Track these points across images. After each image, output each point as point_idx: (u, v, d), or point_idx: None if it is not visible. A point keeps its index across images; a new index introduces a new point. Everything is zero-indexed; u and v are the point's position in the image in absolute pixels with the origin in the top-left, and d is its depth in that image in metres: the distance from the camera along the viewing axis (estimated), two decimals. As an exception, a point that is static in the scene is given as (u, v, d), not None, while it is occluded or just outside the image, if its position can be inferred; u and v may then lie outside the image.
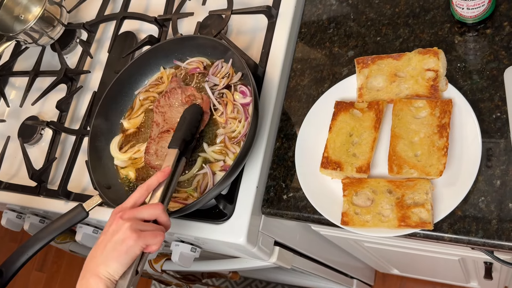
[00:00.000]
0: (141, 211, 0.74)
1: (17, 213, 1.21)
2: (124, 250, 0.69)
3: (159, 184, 0.79)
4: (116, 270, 0.69)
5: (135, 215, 0.73)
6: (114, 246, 0.70)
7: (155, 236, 0.72)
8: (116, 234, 0.71)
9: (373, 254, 1.30)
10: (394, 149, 0.78)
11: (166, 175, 0.80)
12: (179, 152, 0.83)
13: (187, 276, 1.35)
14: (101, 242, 0.72)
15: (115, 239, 0.70)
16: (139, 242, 0.70)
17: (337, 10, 0.97)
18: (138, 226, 0.71)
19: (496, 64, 0.79)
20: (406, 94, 0.82)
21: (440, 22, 0.86)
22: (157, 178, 0.79)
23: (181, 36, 1.03)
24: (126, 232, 0.70)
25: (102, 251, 0.71)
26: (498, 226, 0.70)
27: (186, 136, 0.86)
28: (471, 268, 1.15)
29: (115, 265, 0.69)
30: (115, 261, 0.69)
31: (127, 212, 0.73)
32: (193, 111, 0.90)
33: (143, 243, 0.70)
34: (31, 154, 1.14)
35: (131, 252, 0.70)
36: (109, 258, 0.70)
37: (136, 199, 0.77)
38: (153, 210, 0.74)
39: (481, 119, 0.76)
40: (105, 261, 0.70)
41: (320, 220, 0.83)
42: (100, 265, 0.70)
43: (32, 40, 1.20)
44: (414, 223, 0.72)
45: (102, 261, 0.70)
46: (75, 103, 1.18)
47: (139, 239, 0.70)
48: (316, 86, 0.93)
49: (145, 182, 0.78)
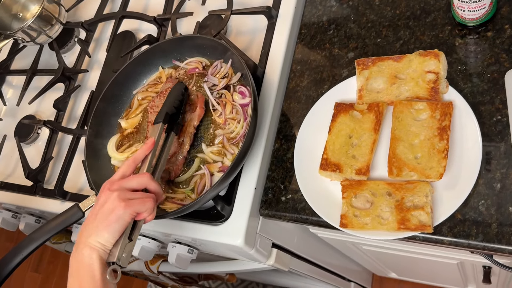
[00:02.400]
0: (129, 181, 0.75)
1: (13, 213, 1.20)
2: (114, 219, 0.71)
3: (146, 157, 0.81)
4: (107, 239, 0.71)
5: (122, 185, 0.74)
6: (103, 216, 0.71)
7: (144, 203, 0.73)
8: (105, 204, 0.72)
9: (370, 257, 1.30)
10: (394, 151, 0.77)
11: (151, 147, 0.82)
12: (162, 125, 0.85)
13: (184, 278, 1.34)
14: (92, 214, 0.73)
15: (104, 209, 0.72)
16: (127, 209, 0.71)
17: (338, 12, 0.97)
18: (126, 195, 0.73)
19: (497, 67, 0.79)
20: (406, 96, 0.81)
21: (441, 24, 0.86)
22: (142, 151, 0.81)
23: (180, 36, 1.03)
24: (114, 201, 0.71)
25: (93, 222, 0.72)
26: (498, 229, 0.70)
27: (168, 109, 0.87)
28: (469, 272, 1.15)
29: (106, 234, 0.70)
30: (105, 231, 0.70)
31: (115, 183, 0.75)
32: (175, 87, 0.92)
33: (132, 211, 0.71)
34: (27, 154, 1.13)
35: (121, 220, 0.71)
36: (99, 228, 0.71)
37: (123, 171, 0.78)
38: (140, 178, 0.76)
39: (482, 122, 0.76)
40: (96, 231, 0.71)
41: (319, 222, 0.82)
42: (91, 235, 0.71)
43: (30, 39, 1.20)
44: (413, 226, 0.72)
45: (93, 231, 0.71)
46: (73, 102, 1.18)
47: (128, 207, 0.71)
48: (315, 87, 0.92)
49: (132, 156, 0.81)
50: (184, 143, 0.90)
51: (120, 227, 0.71)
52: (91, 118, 0.96)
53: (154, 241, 1.03)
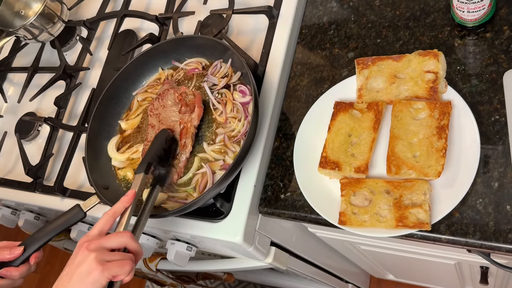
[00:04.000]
0: (108, 240, 0.71)
1: (12, 210, 1.21)
2: (90, 282, 0.67)
3: (125, 209, 0.77)
4: None
5: (101, 245, 0.71)
6: (79, 279, 0.68)
7: (122, 266, 0.69)
8: (81, 265, 0.69)
9: (368, 258, 1.30)
10: (392, 149, 0.78)
11: (131, 199, 0.78)
12: (144, 175, 0.82)
13: (182, 277, 1.35)
14: (66, 275, 0.70)
15: (80, 271, 0.68)
16: (104, 273, 0.68)
17: (338, 12, 0.98)
18: (104, 257, 0.69)
19: (496, 67, 0.80)
20: (405, 95, 0.82)
21: (441, 25, 0.86)
22: (122, 203, 0.77)
23: (179, 36, 1.03)
24: (92, 264, 0.68)
25: (68, 283, 0.69)
26: (496, 228, 0.70)
27: (151, 159, 0.84)
28: (466, 273, 1.15)
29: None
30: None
31: (93, 242, 0.71)
32: (160, 134, 0.89)
33: (109, 274, 0.68)
34: (27, 150, 1.14)
35: (96, 284, 0.68)
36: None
37: (101, 226, 0.75)
38: (120, 238, 0.72)
39: (480, 121, 0.77)
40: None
41: (318, 220, 0.82)
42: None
43: (32, 36, 1.20)
44: (411, 223, 0.72)
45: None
46: (74, 100, 1.18)
47: (105, 270, 0.68)
48: (315, 86, 0.93)
49: (111, 209, 0.77)
50: (186, 144, 0.90)
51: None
52: (91, 119, 0.97)
53: (153, 238, 1.03)
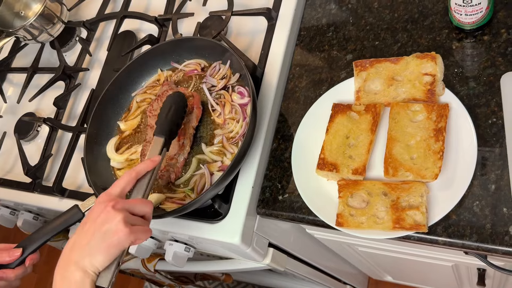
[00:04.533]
0: (135, 205, 0.71)
1: (11, 210, 1.21)
2: (115, 243, 0.67)
3: (146, 173, 0.77)
4: (102, 263, 0.66)
5: (128, 207, 0.70)
6: (103, 237, 0.67)
7: (146, 232, 0.70)
8: (106, 224, 0.67)
9: (366, 260, 1.30)
10: (390, 151, 0.78)
11: (156, 164, 0.77)
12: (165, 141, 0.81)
13: (180, 278, 1.35)
14: (88, 230, 0.68)
15: (106, 229, 0.67)
16: (130, 236, 0.67)
17: (337, 14, 0.98)
18: (131, 220, 0.69)
19: (493, 70, 0.80)
20: (403, 97, 0.82)
21: (438, 28, 0.87)
22: (146, 166, 0.76)
23: (178, 38, 1.03)
24: (119, 225, 0.67)
25: (89, 241, 0.67)
26: (492, 230, 0.71)
27: (172, 125, 0.84)
28: (464, 275, 1.15)
29: (102, 257, 0.66)
30: (103, 253, 0.66)
31: (120, 202, 0.70)
32: (178, 100, 0.87)
33: (134, 238, 0.68)
34: (27, 151, 1.14)
35: (121, 245, 0.67)
36: (96, 249, 0.66)
37: (123, 186, 0.73)
38: (144, 207, 0.72)
39: (477, 124, 0.77)
40: (91, 252, 0.66)
41: (315, 222, 0.83)
42: (86, 257, 0.66)
43: (31, 37, 1.21)
44: (408, 225, 0.73)
45: (89, 252, 0.66)
46: (73, 101, 1.18)
47: (131, 234, 0.67)
48: (314, 88, 0.93)
49: (133, 169, 0.75)
50: (184, 144, 0.91)
51: (119, 252, 0.67)
52: (90, 120, 0.97)
53: (151, 239, 1.03)
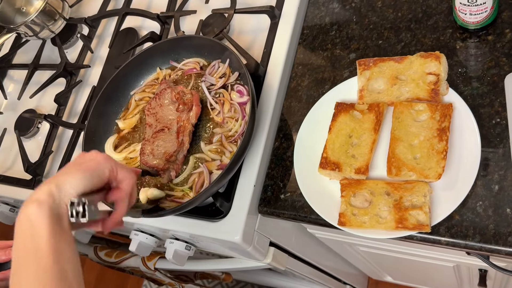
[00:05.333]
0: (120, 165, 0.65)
1: (11, 207, 1.20)
2: (92, 165, 0.59)
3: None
4: (72, 185, 0.57)
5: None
6: (78, 162, 0.60)
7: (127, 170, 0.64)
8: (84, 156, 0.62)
9: (367, 260, 1.30)
10: (393, 151, 0.78)
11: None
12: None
13: (180, 276, 1.34)
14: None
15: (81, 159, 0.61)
16: (110, 161, 0.61)
17: (340, 13, 0.98)
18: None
19: (497, 70, 0.80)
20: (406, 97, 0.82)
21: (442, 27, 0.86)
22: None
23: (177, 36, 1.03)
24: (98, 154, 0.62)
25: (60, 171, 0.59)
26: (495, 231, 0.70)
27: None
28: (465, 276, 1.15)
29: (73, 179, 0.57)
30: (74, 175, 0.57)
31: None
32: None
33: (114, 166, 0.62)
34: (27, 147, 1.14)
35: (98, 170, 0.59)
36: (67, 173, 0.58)
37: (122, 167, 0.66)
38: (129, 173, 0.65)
39: (481, 124, 0.77)
40: (60, 176, 0.57)
41: (317, 221, 0.82)
42: (49, 183, 0.56)
43: (32, 33, 1.20)
44: (411, 225, 0.72)
45: (55, 177, 0.57)
46: (74, 97, 1.18)
47: (110, 159, 0.62)
48: (316, 87, 0.93)
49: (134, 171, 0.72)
50: (184, 141, 0.90)
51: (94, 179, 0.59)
52: (89, 118, 0.96)
53: (151, 237, 1.03)
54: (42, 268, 0.53)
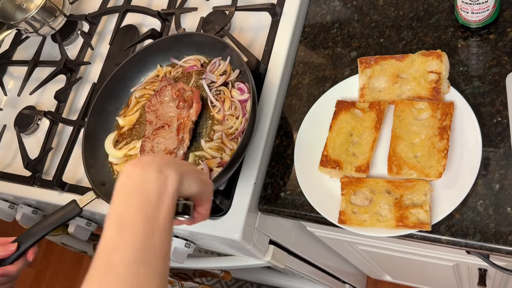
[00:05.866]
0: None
1: (10, 203, 1.20)
2: (208, 183, 0.64)
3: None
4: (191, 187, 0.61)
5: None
6: (202, 172, 0.66)
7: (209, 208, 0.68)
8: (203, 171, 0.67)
9: (366, 258, 1.30)
10: (394, 149, 0.77)
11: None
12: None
13: (179, 274, 1.34)
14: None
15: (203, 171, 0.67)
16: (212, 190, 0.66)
17: (341, 11, 0.98)
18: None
19: (499, 69, 0.79)
20: (408, 95, 0.81)
21: (444, 26, 0.86)
22: None
23: (178, 33, 1.02)
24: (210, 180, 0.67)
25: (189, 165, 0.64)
26: (496, 230, 0.70)
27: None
28: (464, 275, 1.15)
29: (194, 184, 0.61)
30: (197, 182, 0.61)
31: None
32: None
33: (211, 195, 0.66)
34: (27, 144, 1.13)
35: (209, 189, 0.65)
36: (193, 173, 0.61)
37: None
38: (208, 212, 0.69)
39: (482, 123, 0.76)
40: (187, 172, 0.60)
41: (317, 219, 0.82)
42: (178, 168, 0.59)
43: (33, 30, 1.20)
44: (412, 223, 0.72)
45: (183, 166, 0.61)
46: (74, 94, 1.18)
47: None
48: (317, 85, 0.93)
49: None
50: (184, 138, 0.90)
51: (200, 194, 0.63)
52: (89, 115, 0.96)
53: (151, 235, 1.03)
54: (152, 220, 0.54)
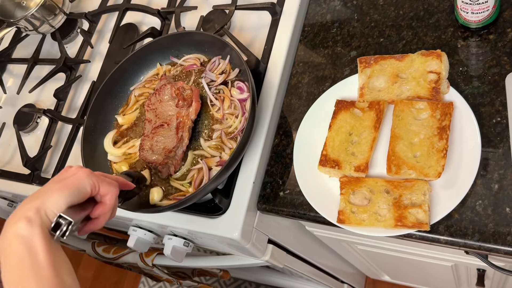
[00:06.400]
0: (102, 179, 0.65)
1: (9, 201, 1.20)
2: (73, 181, 0.59)
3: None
4: (55, 202, 0.56)
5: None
6: (59, 179, 0.60)
7: (109, 184, 0.64)
8: (64, 173, 0.62)
9: (365, 258, 1.30)
10: (393, 149, 0.77)
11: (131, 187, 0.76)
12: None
13: (178, 273, 1.34)
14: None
15: (63, 174, 0.61)
16: (91, 177, 0.61)
17: (341, 11, 0.98)
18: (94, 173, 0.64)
19: (498, 69, 0.79)
20: (407, 95, 0.81)
21: (444, 26, 0.86)
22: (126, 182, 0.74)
23: (178, 32, 1.02)
24: (79, 169, 0.61)
25: (41, 188, 0.59)
26: (495, 230, 0.70)
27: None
28: (463, 275, 1.15)
29: (57, 197, 0.56)
30: (57, 193, 0.57)
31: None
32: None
33: (96, 181, 0.62)
34: (26, 142, 1.13)
35: (79, 184, 0.59)
36: (49, 191, 0.57)
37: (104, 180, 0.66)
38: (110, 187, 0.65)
39: (481, 123, 0.76)
40: (42, 195, 0.57)
41: (316, 218, 0.82)
42: (35, 200, 0.56)
43: (32, 28, 1.20)
44: (410, 223, 0.72)
45: (37, 195, 0.57)
46: (73, 92, 1.18)
47: (92, 175, 0.61)
48: (317, 84, 0.93)
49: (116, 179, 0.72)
50: (183, 137, 0.90)
51: (76, 196, 0.59)
52: (88, 114, 0.96)
53: (150, 233, 1.03)
54: (44, 283, 0.53)
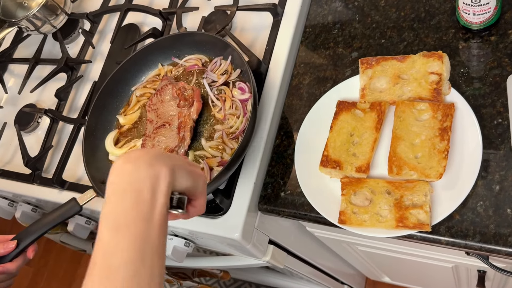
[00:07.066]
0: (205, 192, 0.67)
1: (9, 201, 1.20)
2: (202, 177, 0.62)
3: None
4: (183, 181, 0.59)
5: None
6: (194, 164, 0.64)
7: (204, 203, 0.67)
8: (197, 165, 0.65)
9: (365, 259, 1.30)
10: (394, 150, 0.78)
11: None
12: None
13: (178, 273, 1.34)
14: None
15: (196, 164, 0.65)
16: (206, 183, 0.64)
17: (343, 12, 0.98)
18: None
19: (499, 71, 0.80)
20: (409, 96, 0.82)
21: (445, 27, 0.86)
22: None
23: (179, 32, 1.02)
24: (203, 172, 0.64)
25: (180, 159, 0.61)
26: (496, 231, 0.70)
27: None
28: (463, 277, 1.15)
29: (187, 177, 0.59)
30: (189, 174, 0.60)
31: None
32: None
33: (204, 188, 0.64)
34: (27, 142, 1.13)
35: (203, 182, 0.62)
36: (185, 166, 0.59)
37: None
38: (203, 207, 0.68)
39: (483, 124, 0.77)
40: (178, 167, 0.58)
41: (317, 219, 0.82)
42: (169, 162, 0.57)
43: (34, 28, 1.20)
44: (411, 224, 0.72)
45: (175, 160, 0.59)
46: (75, 93, 1.18)
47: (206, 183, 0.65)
48: (318, 85, 0.93)
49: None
50: (185, 137, 0.90)
51: (193, 188, 0.61)
52: (90, 114, 0.96)
53: (150, 233, 1.03)
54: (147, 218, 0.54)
